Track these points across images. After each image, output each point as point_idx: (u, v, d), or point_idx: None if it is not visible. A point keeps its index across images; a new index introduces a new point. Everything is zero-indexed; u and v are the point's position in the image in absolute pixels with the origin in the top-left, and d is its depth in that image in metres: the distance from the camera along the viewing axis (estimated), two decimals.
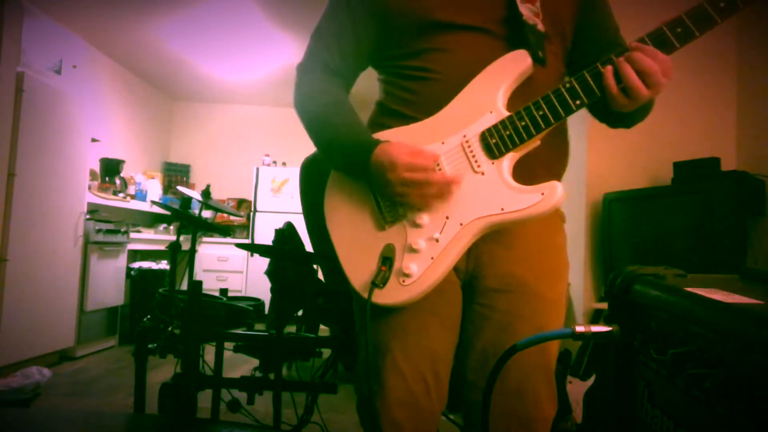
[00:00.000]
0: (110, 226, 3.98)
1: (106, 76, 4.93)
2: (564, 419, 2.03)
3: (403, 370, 0.98)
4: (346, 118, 1.04)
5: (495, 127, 0.93)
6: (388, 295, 0.94)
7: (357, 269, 1.00)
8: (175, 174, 6.14)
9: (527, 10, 0.97)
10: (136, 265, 4.26)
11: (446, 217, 0.94)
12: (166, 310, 1.99)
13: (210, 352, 2.11)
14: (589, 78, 0.90)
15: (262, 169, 5.78)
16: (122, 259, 4.17)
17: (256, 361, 1.93)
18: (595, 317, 2.59)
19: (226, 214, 5.81)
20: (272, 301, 2.10)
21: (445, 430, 1.54)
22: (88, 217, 3.79)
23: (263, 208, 5.70)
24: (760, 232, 2.56)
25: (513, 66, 0.95)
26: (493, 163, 0.93)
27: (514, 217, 0.90)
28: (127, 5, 3.83)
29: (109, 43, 4.60)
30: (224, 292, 2.36)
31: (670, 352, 0.56)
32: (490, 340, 1.00)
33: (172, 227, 5.23)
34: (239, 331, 1.98)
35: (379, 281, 0.93)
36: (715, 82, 2.89)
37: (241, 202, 6.14)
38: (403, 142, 0.97)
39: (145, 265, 4.29)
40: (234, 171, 6.24)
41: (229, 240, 5.49)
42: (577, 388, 2.07)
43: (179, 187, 2.77)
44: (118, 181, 4.56)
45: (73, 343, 3.67)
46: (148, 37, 4.43)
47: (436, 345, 1.00)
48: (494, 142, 0.93)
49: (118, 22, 4.15)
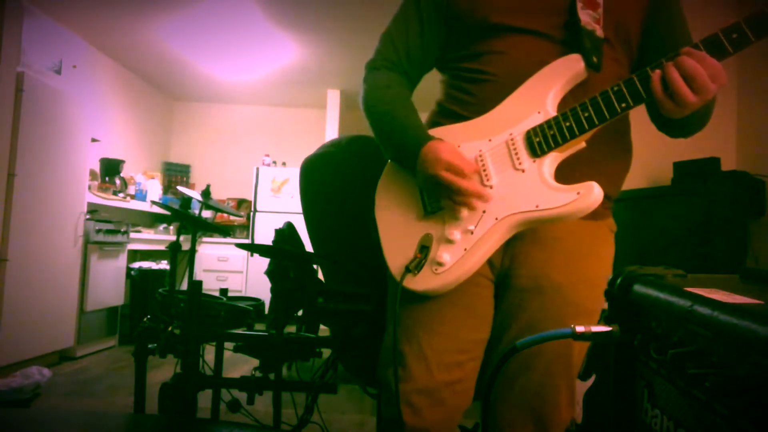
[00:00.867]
0: (110, 226, 3.98)
1: (106, 76, 4.93)
2: None
3: (428, 359, 1.00)
4: (405, 112, 1.08)
5: (540, 126, 0.95)
6: (420, 282, 0.98)
7: (396, 254, 1.03)
8: (175, 174, 6.14)
9: (587, 16, 0.98)
10: (136, 265, 4.26)
11: (483, 211, 0.96)
12: (166, 310, 1.99)
13: (210, 352, 2.11)
14: (637, 82, 0.90)
15: (262, 169, 5.78)
16: (122, 259, 4.17)
17: (256, 361, 1.93)
18: None
19: (226, 214, 5.81)
20: (272, 301, 2.09)
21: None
22: (88, 217, 3.79)
23: (263, 208, 5.70)
24: (760, 232, 2.56)
25: (565, 69, 0.97)
26: (534, 162, 0.95)
27: (548, 215, 0.91)
28: (127, 5, 3.83)
29: (109, 43, 4.60)
30: (224, 292, 2.36)
31: (670, 352, 0.56)
32: (514, 338, 1.00)
33: (172, 227, 5.23)
34: (239, 331, 1.98)
35: (413, 267, 0.98)
36: None
37: (241, 202, 6.14)
38: (454, 138, 1.01)
39: (145, 265, 4.29)
40: (234, 171, 6.24)
41: (229, 240, 5.49)
42: (577, 388, 2.07)
43: (179, 187, 2.77)
44: (118, 181, 4.56)
45: (73, 343, 3.67)
46: (148, 37, 4.43)
47: (464, 338, 1.02)
48: (538, 141, 0.95)
49: (118, 22, 4.15)
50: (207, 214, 5.51)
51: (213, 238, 5.50)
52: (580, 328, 0.68)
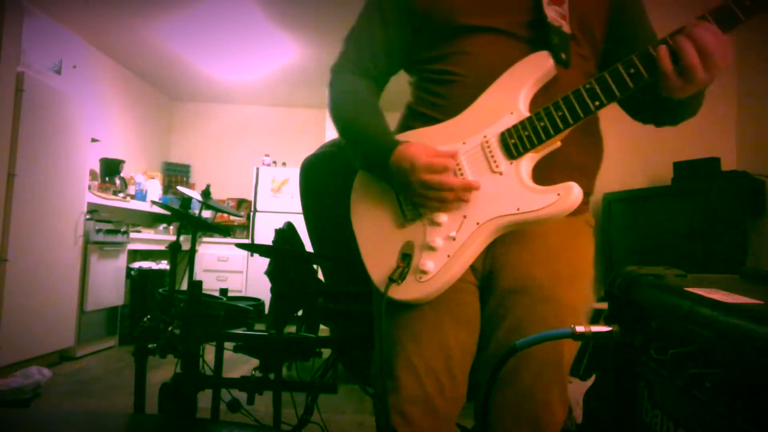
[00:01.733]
0: (110, 226, 3.98)
1: (106, 76, 4.93)
2: (564, 419, 2.03)
3: (416, 368, 0.99)
4: (371, 119, 1.06)
5: (515, 127, 0.94)
6: (405, 291, 0.96)
7: (377, 265, 1.02)
8: (175, 174, 6.14)
9: (553, 12, 0.97)
10: (136, 265, 4.26)
11: (463, 216, 0.95)
12: (166, 310, 1.99)
13: (210, 352, 2.11)
14: (609, 78, 0.88)
15: (262, 169, 5.78)
16: (122, 259, 4.17)
17: (256, 361, 1.93)
18: (595, 317, 2.58)
19: (226, 214, 5.81)
20: (272, 301, 2.10)
21: None
22: (88, 217, 3.79)
23: (263, 208, 5.70)
24: (760, 232, 2.56)
25: (534, 67, 0.95)
26: (511, 164, 0.94)
27: (530, 218, 0.91)
28: (127, 5, 3.84)
29: (109, 43, 4.60)
30: (224, 292, 2.36)
31: (670, 352, 0.56)
32: (502, 340, 1.00)
33: (172, 227, 5.23)
34: (239, 331, 1.97)
35: (396, 276, 0.95)
36: (715, 82, 2.88)
37: (241, 202, 6.14)
38: (424, 143, 0.98)
39: (145, 265, 4.29)
40: (234, 171, 6.24)
41: (229, 240, 5.49)
42: (577, 388, 2.07)
43: (179, 187, 2.78)
44: (118, 181, 4.56)
45: (73, 343, 3.67)
46: (148, 37, 4.43)
47: (451, 344, 1.01)
48: (513, 143, 0.93)
49: (118, 22, 4.15)
50: (207, 214, 5.51)
51: (213, 238, 5.51)
52: (580, 328, 0.68)
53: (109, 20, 4.12)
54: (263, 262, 5.28)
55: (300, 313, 2.13)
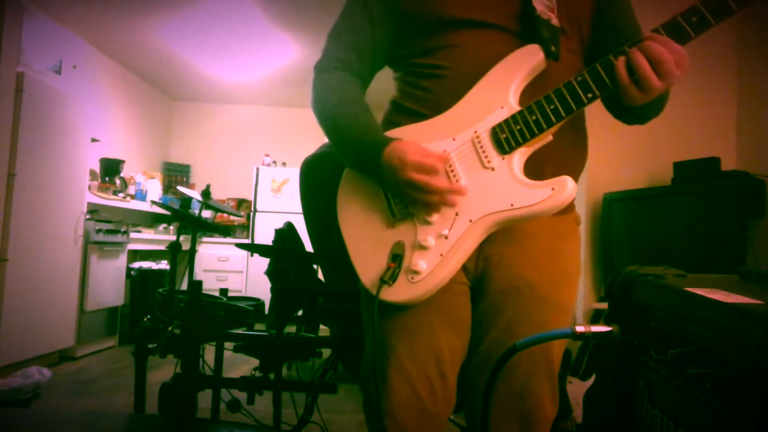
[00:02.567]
0: (110, 226, 3.98)
1: (106, 76, 4.93)
2: (564, 419, 2.03)
3: (408, 370, 0.98)
4: (359, 116, 1.04)
5: (506, 121, 0.92)
6: (397, 293, 0.93)
7: (367, 266, 0.99)
8: (175, 174, 6.14)
9: (541, 5, 0.96)
10: (136, 265, 4.26)
11: (455, 214, 0.93)
12: (166, 310, 1.99)
13: (210, 352, 2.11)
14: (601, 70, 0.88)
15: (262, 169, 5.78)
16: (122, 259, 4.17)
17: (256, 361, 1.93)
18: (595, 317, 2.59)
19: (226, 214, 5.81)
20: (272, 301, 2.10)
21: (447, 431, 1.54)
22: (88, 217, 3.79)
23: (263, 208, 5.70)
24: (760, 232, 2.56)
25: (525, 61, 0.94)
26: (503, 159, 0.92)
27: (524, 213, 0.89)
28: (127, 5, 3.83)
29: (109, 43, 4.60)
30: (224, 292, 2.36)
31: (670, 352, 0.56)
32: (495, 341, 0.99)
33: (172, 227, 5.23)
34: (239, 331, 1.98)
35: (387, 278, 0.92)
36: (715, 82, 2.89)
37: (241, 202, 6.14)
38: (415, 140, 0.96)
39: (145, 265, 4.29)
40: (234, 171, 6.24)
41: (229, 240, 5.49)
42: (577, 388, 2.07)
43: (179, 187, 2.78)
44: (118, 181, 4.56)
45: (73, 343, 3.67)
46: (148, 37, 4.43)
47: (442, 346, 1.00)
48: (504, 137, 0.92)
49: (118, 22, 4.15)
50: (207, 214, 5.51)
51: (213, 238, 5.50)
52: (580, 328, 0.68)
53: (109, 20, 4.12)
54: (263, 262, 5.28)
55: (300, 313, 2.13)
